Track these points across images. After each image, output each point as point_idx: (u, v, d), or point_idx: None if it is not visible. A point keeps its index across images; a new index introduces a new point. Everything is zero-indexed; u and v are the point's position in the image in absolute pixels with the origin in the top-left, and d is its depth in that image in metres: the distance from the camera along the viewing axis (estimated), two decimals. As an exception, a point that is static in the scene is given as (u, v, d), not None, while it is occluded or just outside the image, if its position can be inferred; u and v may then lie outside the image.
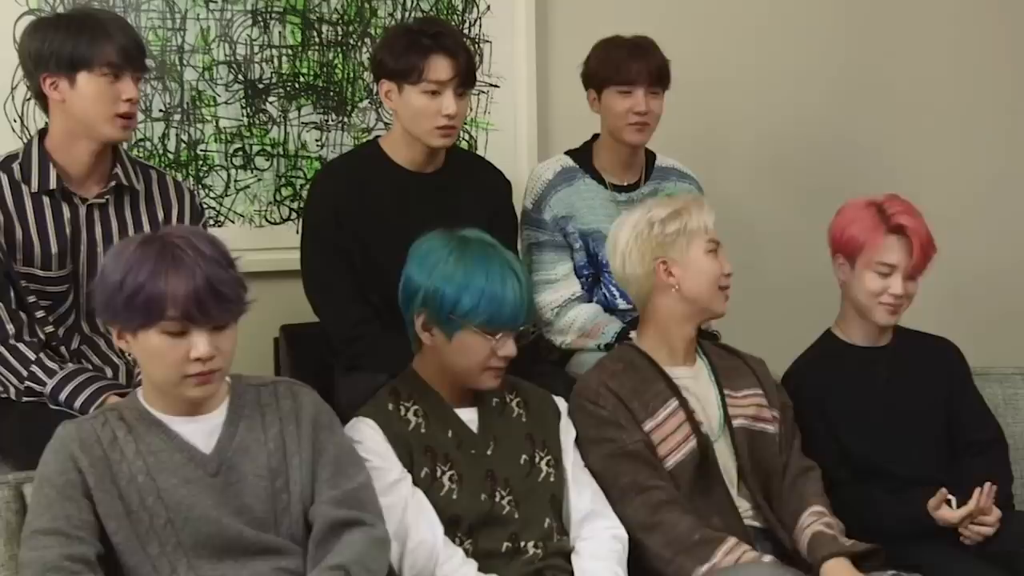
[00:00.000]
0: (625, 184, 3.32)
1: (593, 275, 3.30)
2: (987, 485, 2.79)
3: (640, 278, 2.81)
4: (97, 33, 2.64)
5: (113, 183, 2.76)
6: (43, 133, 2.75)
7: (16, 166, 2.70)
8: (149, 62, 2.83)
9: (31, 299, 2.70)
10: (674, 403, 2.73)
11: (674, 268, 2.76)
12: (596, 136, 3.35)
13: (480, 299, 2.49)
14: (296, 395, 2.38)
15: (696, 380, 2.81)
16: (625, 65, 3.19)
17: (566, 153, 3.35)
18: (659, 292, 2.79)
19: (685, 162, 3.44)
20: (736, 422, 2.77)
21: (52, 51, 2.62)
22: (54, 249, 2.70)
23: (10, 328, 2.64)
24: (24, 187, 2.69)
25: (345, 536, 2.27)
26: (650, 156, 3.38)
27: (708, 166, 3.68)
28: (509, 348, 2.54)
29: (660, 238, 2.77)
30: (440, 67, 2.92)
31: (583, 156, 3.33)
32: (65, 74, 2.63)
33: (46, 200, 2.71)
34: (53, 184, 2.69)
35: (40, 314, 2.71)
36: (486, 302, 2.49)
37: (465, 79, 2.96)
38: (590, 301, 3.27)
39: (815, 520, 2.71)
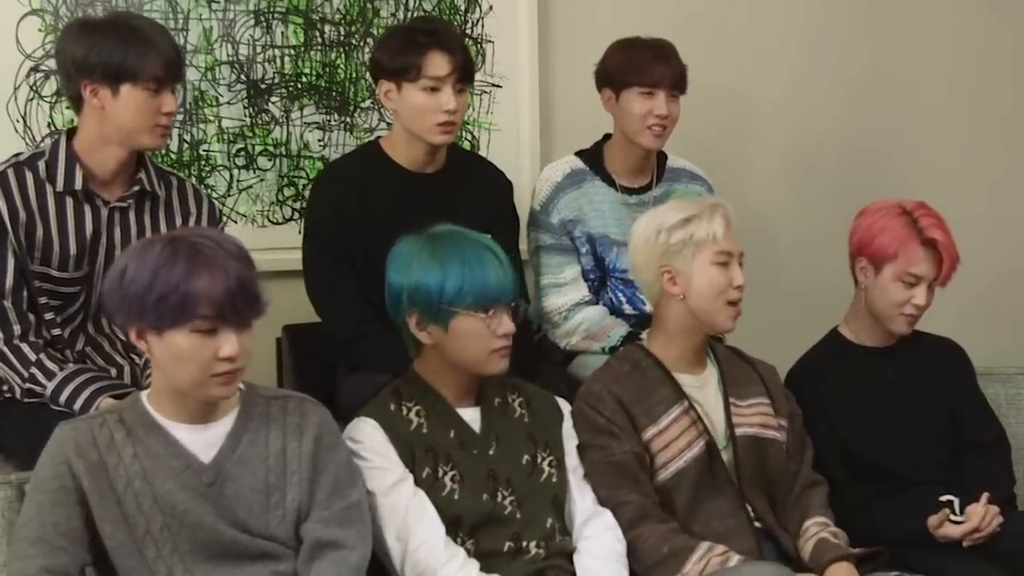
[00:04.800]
0: (636, 187, 3.28)
1: (600, 279, 3.27)
2: (984, 498, 2.80)
3: (648, 283, 2.80)
4: (145, 46, 2.62)
5: (136, 187, 2.75)
6: (71, 133, 2.73)
7: (41, 164, 2.68)
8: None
9: (42, 299, 2.69)
10: (678, 409, 2.72)
11: (678, 278, 2.73)
12: (607, 136, 3.31)
13: (463, 280, 2.49)
14: (304, 413, 2.35)
15: (702, 389, 2.79)
16: (650, 67, 3.15)
17: (576, 154, 3.31)
18: (666, 299, 2.77)
19: (702, 166, 3.40)
20: (739, 430, 2.75)
21: (100, 60, 2.59)
22: (73, 250, 2.69)
23: (16, 328, 2.64)
24: (48, 186, 2.68)
25: (317, 565, 2.26)
26: (662, 157, 3.34)
27: (725, 171, 3.66)
28: (507, 325, 2.53)
29: (665, 247, 2.72)
30: (438, 63, 2.92)
31: (593, 157, 3.28)
32: (109, 84, 2.62)
33: (69, 200, 2.69)
34: (79, 185, 2.68)
35: (49, 315, 2.71)
36: (469, 282, 2.49)
37: (463, 75, 2.95)
38: (597, 304, 3.25)
39: (820, 529, 2.71)
